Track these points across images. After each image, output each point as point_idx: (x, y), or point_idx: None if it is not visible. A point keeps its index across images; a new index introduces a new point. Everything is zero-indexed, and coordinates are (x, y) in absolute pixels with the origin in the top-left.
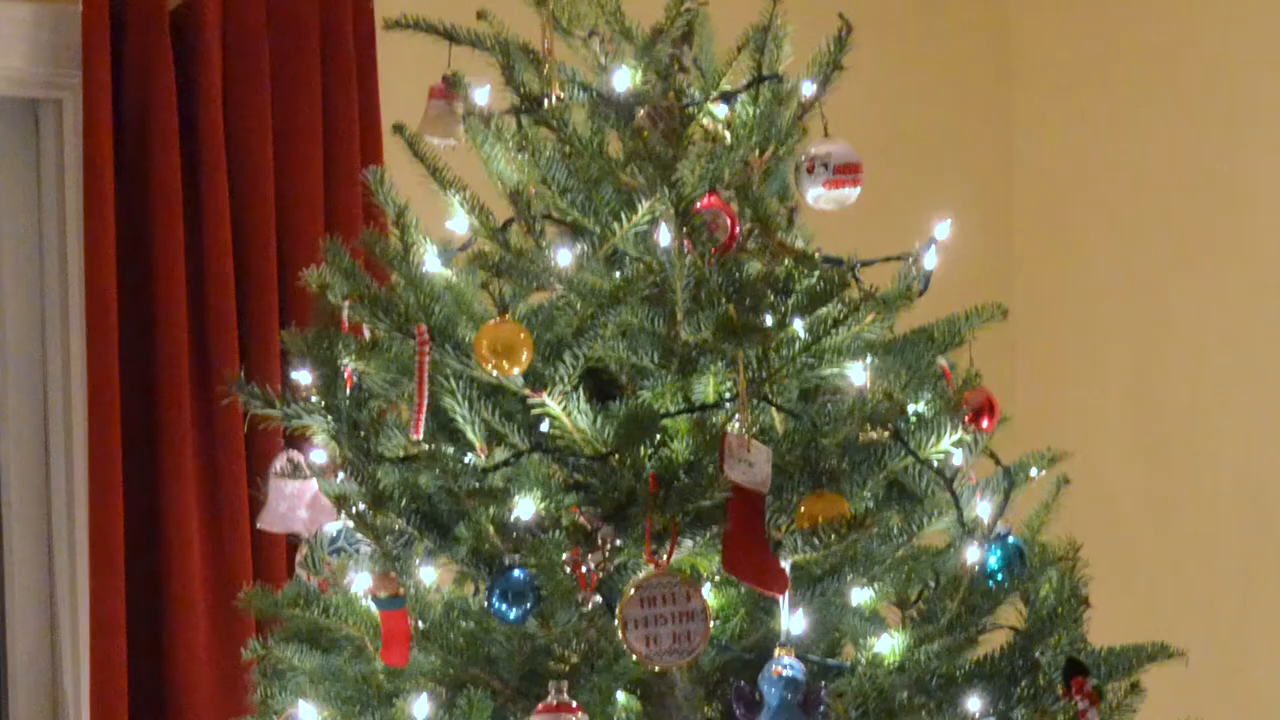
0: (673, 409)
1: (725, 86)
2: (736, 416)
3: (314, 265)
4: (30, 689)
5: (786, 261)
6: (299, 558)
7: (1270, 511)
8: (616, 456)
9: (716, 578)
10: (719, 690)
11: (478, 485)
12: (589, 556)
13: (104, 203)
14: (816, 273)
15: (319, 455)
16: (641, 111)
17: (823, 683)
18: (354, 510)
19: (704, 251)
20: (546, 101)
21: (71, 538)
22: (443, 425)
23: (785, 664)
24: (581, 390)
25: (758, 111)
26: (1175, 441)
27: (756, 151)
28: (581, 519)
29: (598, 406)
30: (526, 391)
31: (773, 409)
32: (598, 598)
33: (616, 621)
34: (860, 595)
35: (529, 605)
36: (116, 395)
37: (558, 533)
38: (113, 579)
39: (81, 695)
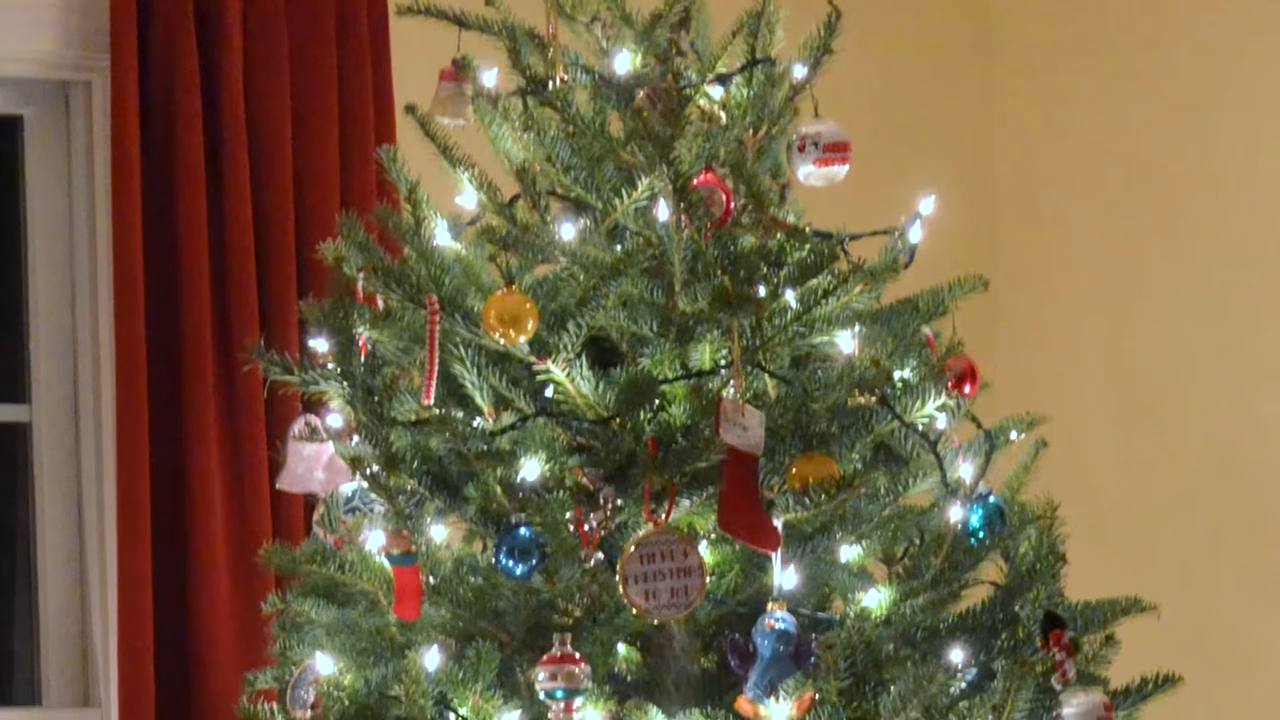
0: (671, 375)
1: (720, 69)
2: (731, 382)
3: (330, 239)
4: (61, 641)
5: (779, 235)
6: (316, 516)
7: (1236, 472)
8: (617, 420)
9: (712, 535)
10: (715, 642)
11: (486, 448)
12: (591, 515)
13: (131, 179)
14: (807, 246)
15: (335, 419)
16: (641, 93)
17: (813, 635)
18: (368, 471)
19: (700, 226)
20: (551, 83)
21: (100, 497)
22: (452, 391)
23: (777, 617)
24: (584, 357)
25: (751, 93)
26: (1147, 406)
27: (750, 131)
28: (584, 480)
29: (599, 373)
30: (532, 359)
31: (766, 375)
32: (599, 554)
33: (617, 577)
34: (849, 552)
35: (534, 561)
36: (143, 362)
37: (561, 493)
38: (139, 537)
39: (110, 647)
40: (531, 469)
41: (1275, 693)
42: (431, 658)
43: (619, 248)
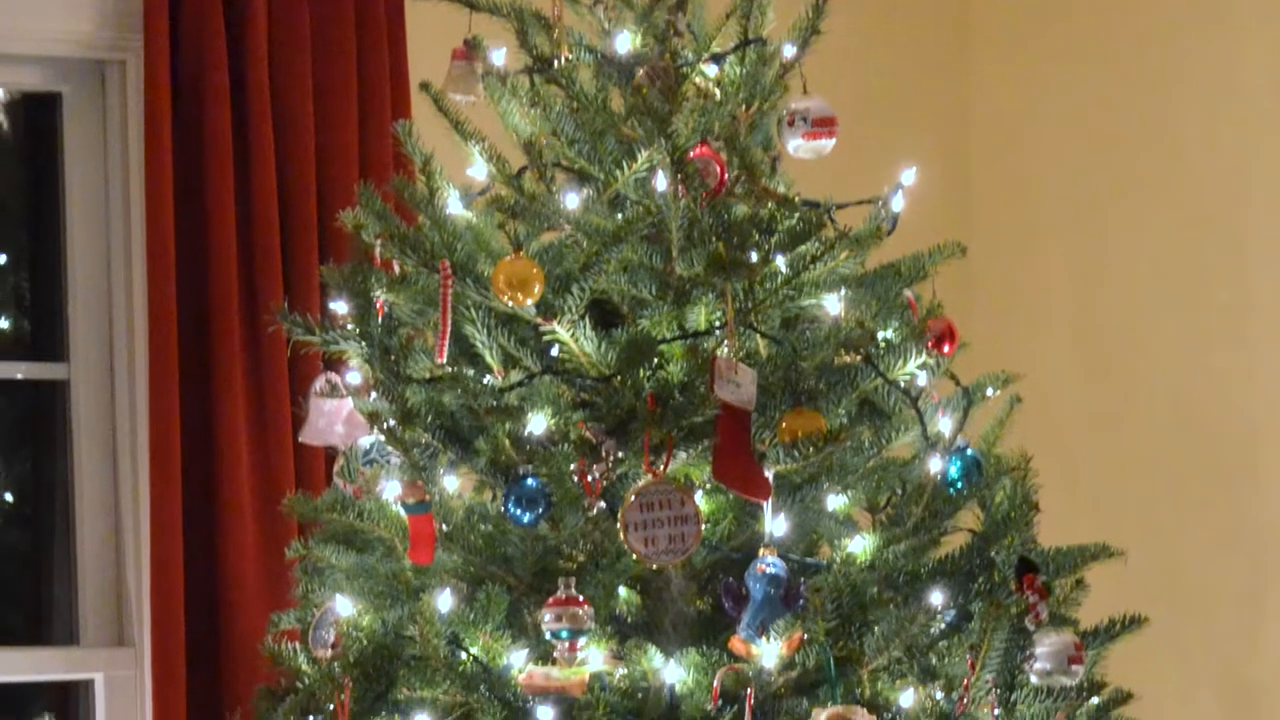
0: (668, 336)
1: (715, 49)
2: (725, 342)
3: (349, 208)
4: (97, 585)
5: (770, 205)
6: (336, 468)
7: (1195, 422)
8: (619, 378)
9: (708, 486)
10: (710, 586)
11: (495, 403)
12: (594, 467)
13: (162, 152)
14: (796, 215)
15: (354, 377)
16: (640, 71)
17: (802, 579)
18: (385, 425)
19: (696, 196)
20: (556, 62)
21: (134, 450)
22: (464, 350)
23: (768, 562)
24: (587, 319)
25: (744, 71)
26: (1113, 363)
27: (743, 107)
28: (587, 433)
29: (602, 333)
30: (539, 320)
31: (757, 336)
32: (602, 504)
33: (618, 525)
34: (835, 501)
35: (541, 510)
36: (174, 323)
37: (566, 446)
38: (170, 486)
39: (143, 590)
40: (538, 423)
41: (1234, 631)
42: (444, 600)
43: (620, 216)
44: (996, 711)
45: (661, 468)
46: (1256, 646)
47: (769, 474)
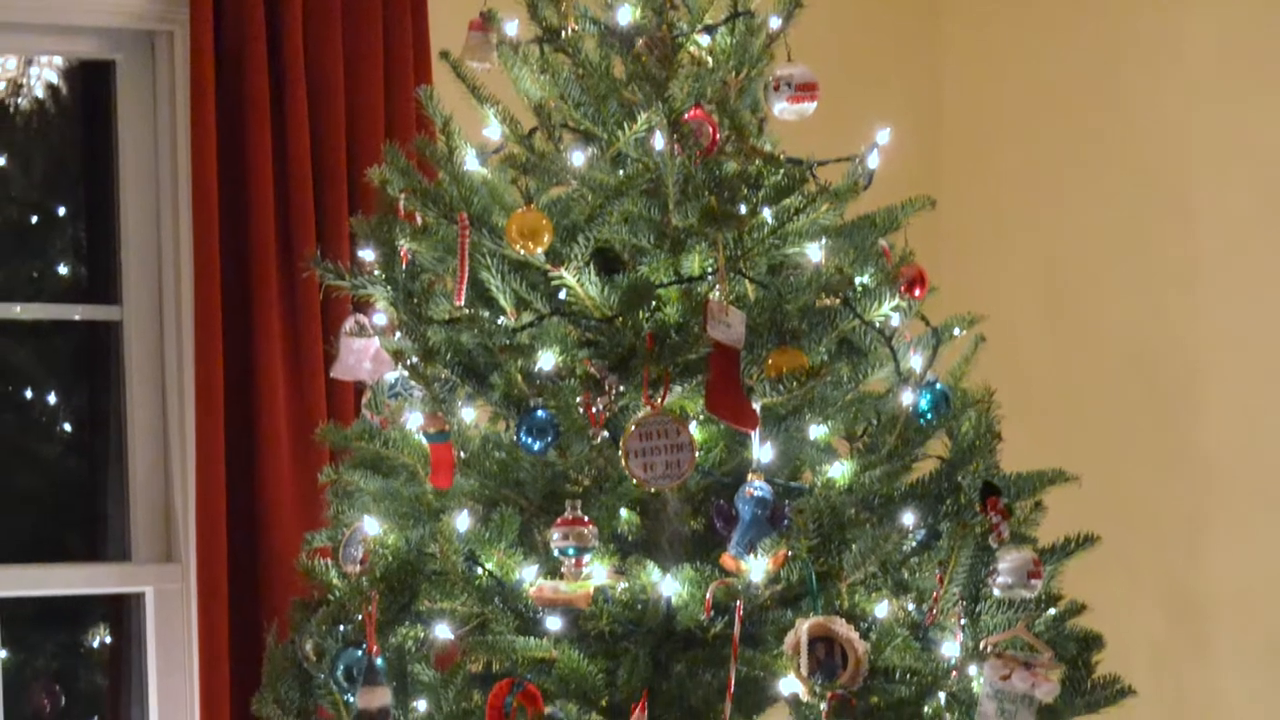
0: (665, 281)
1: (708, 20)
2: (717, 287)
3: (376, 165)
4: (147, 507)
5: (757, 162)
6: (364, 400)
7: (1146, 361)
8: (620, 319)
9: (701, 417)
10: (703, 507)
11: (508, 342)
12: (598, 400)
13: (207, 115)
14: (781, 171)
15: (380, 318)
16: (640, 41)
17: (786, 501)
18: (409, 362)
19: (690, 154)
20: (563, 33)
21: (181, 384)
22: (480, 294)
23: (756, 486)
24: (592, 265)
25: (734, 41)
26: (1070, 306)
27: (733, 73)
28: (592, 369)
29: (605, 279)
30: (548, 266)
31: (746, 281)
32: (605, 433)
33: (620, 452)
34: (816, 431)
35: (550, 439)
36: (217, 271)
37: (573, 380)
38: (214, 417)
39: (189, 512)
40: (547, 360)
41: (1177, 548)
42: (462, 520)
43: (621, 172)
44: (963, 621)
45: (659, 400)
46: (1197, 562)
47: (756, 406)
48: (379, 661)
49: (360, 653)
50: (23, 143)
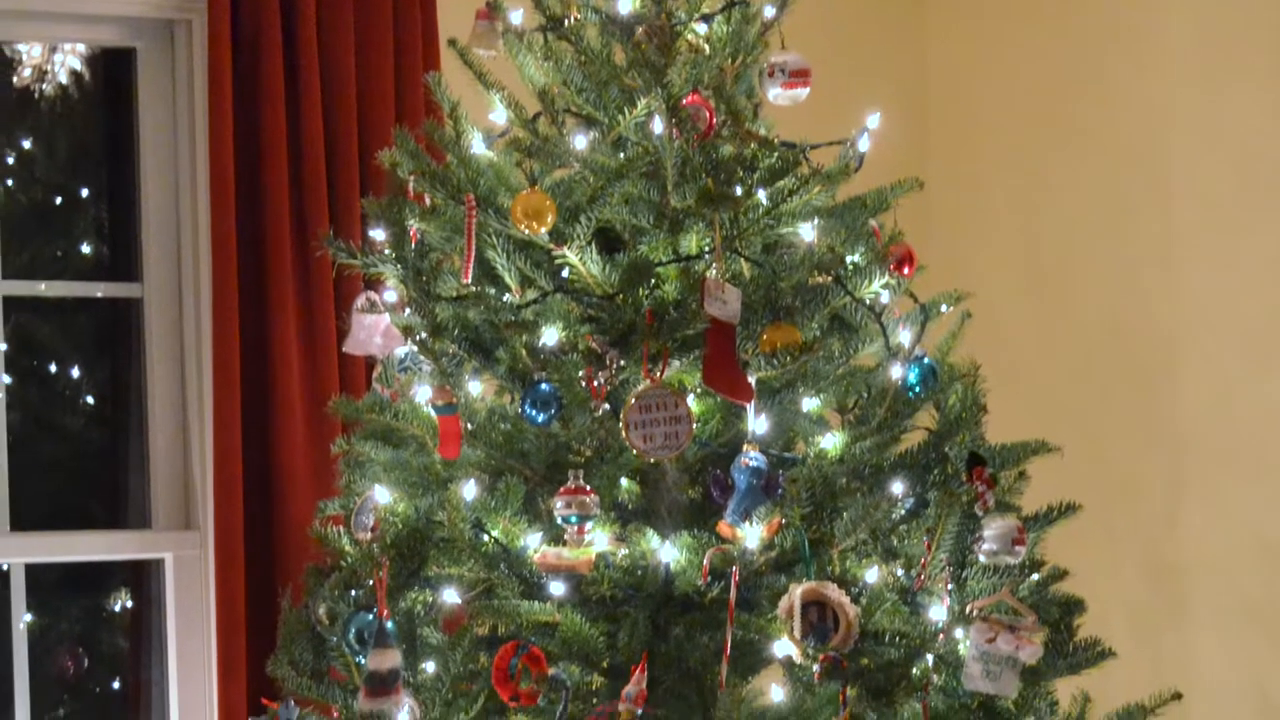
0: (664, 259)
1: (705, 9)
2: (714, 265)
3: (387, 148)
4: (167, 476)
5: (752, 145)
6: (375, 374)
7: (1126, 335)
8: (621, 296)
9: (698, 390)
10: (700, 477)
11: (513, 318)
12: (599, 374)
13: (224, 100)
14: (775, 154)
15: (390, 295)
16: (640, 29)
17: (780, 471)
18: (418, 337)
19: (688, 138)
20: (566, 21)
21: (199, 358)
22: (486, 272)
23: (751, 456)
24: (593, 245)
25: (730, 29)
26: (1053, 284)
27: (729, 60)
28: (594, 344)
29: (606, 257)
30: (551, 246)
31: (742, 259)
32: (606, 405)
33: (620, 424)
34: (809, 403)
35: (553, 411)
36: (234, 249)
37: (575, 355)
38: (230, 390)
39: (207, 481)
40: (551, 335)
41: (1155, 516)
42: (469, 489)
43: (622, 155)
44: (950, 586)
45: (658, 374)
46: (1174, 529)
47: (751, 379)
48: (389, 625)
49: (371, 616)
50: (48, 127)
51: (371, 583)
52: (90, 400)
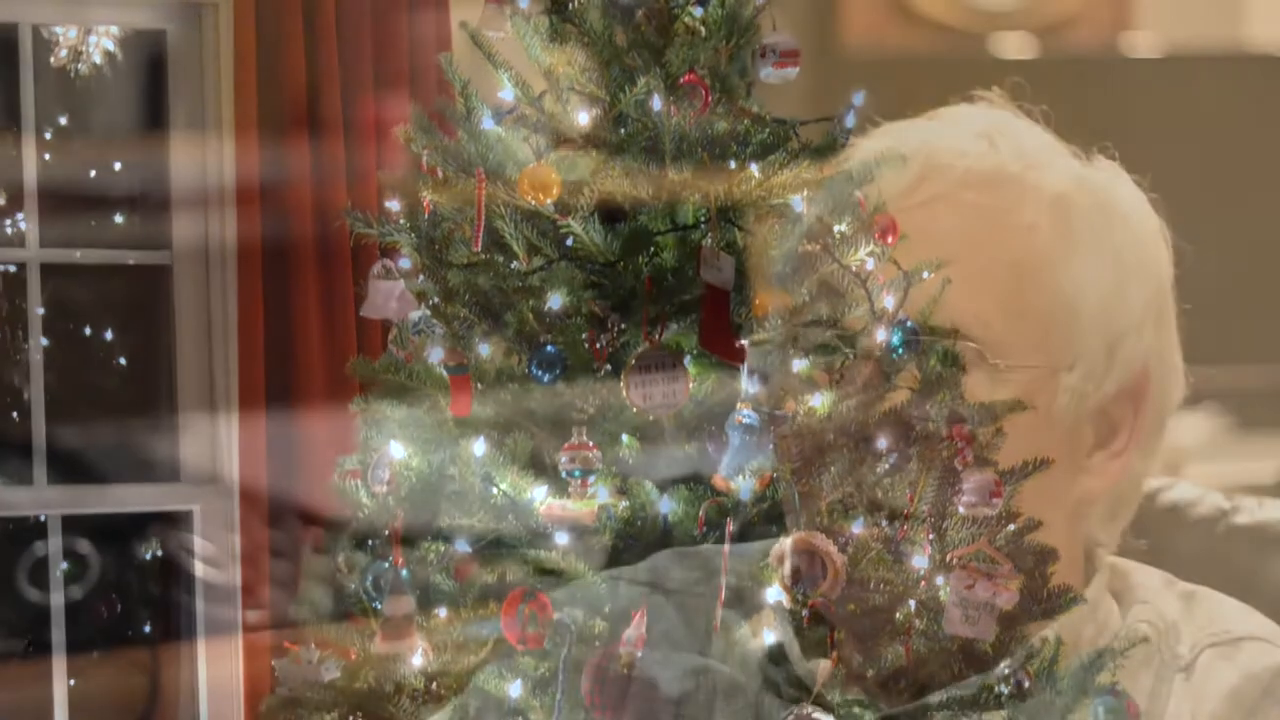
0: (663, 229)
1: None
2: (709, 234)
3: (402, 124)
4: (195, 438)
5: (745, 122)
6: (390, 337)
7: None
8: (622, 264)
9: (694, 352)
10: (696, 433)
11: (521, 284)
12: (602, 337)
13: (248, 80)
14: (767, 130)
15: (405, 262)
16: (640, 12)
17: (771, 428)
18: (431, 302)
19: (685, 115)
20: (570, 4)
21: (226, 327)
22: (495, 241)
23: (744, 414)
24: (596, 215)
25: (724, 12)
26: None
27: (724, 42)
28: (596, 309)
29: (608, 227)
30: (556, 216)
31: (735, 229)
32: (608, 366)
33: (621, 383)
34: (799, 364)
35: (558, 372)
36: (258, 219)
37: (579, 319)
38: (254, 352)
39: (232, 436)
40: (556, 301)
41: None
42: (479, 445)
43: (623, 131)
44: (931, 536)
45: (657, 337)
46: None
47: (744, 342)
48: (404, 573)
49: (387, 565)
50: (83, 104)
51: (387, 533)
52: (123, 361)
